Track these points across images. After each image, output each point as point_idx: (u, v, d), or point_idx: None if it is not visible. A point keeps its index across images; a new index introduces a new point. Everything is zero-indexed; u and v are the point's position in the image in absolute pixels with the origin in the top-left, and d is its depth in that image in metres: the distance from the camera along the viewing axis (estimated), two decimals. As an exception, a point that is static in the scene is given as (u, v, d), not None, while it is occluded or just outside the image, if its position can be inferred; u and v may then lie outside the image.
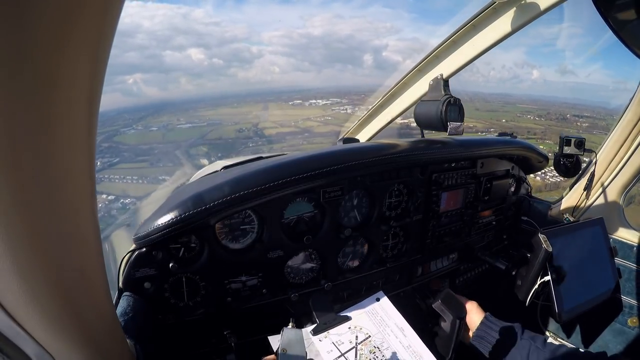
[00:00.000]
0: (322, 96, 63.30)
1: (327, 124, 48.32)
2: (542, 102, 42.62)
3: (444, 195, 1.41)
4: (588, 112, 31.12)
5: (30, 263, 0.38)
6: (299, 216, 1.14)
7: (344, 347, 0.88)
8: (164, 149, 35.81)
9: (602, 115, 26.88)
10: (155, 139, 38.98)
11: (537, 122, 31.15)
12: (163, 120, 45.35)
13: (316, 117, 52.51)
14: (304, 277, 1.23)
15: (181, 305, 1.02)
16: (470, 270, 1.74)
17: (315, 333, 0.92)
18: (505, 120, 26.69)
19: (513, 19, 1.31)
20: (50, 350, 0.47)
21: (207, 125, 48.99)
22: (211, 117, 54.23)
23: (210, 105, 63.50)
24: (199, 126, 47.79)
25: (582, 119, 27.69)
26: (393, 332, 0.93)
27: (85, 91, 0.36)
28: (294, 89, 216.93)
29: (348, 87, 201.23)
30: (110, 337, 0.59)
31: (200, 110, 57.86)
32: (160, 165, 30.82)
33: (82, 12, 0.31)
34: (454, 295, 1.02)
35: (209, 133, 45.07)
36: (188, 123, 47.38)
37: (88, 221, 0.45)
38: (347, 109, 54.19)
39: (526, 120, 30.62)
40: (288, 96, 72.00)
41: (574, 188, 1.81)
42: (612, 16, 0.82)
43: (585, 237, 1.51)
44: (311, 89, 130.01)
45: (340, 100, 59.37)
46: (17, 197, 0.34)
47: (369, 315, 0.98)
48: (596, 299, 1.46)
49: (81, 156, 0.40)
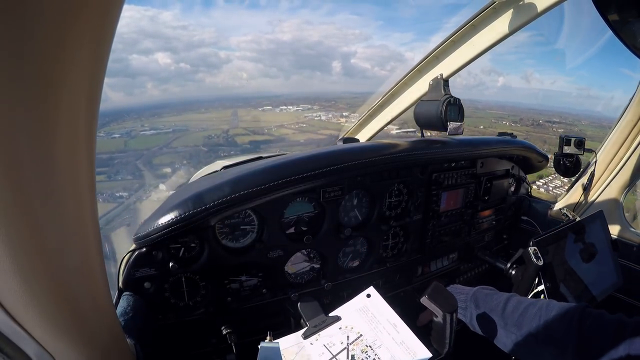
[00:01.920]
0: (292, 102, 62.62)
1: (303, 131, 47.39)
2: (509, 108, 42.79)
3: (444, 195, 1.41)
4: (557, 118, 31.62)
5: (30, 263, 0.38)
6: (299, 216, 1.14)
7: (335, 349, 0.87)
8: (124, 159, 33.54)
9: (571, 121, 27.29)
10: (116, 147, 36.60)
11: (514, 128, 31.41)
12: (127, 126, 43.39)
13: (290, 124, 51.48)
14: (304, 277, 1.23)
15: (181, 305, 1.02)
16: (470, 270, 1.74)
17: (305, 337, 0.90)
18: (483, 126, 26.80)
19: (513, 19, 1.31)
20: (50, 350, 0.47)
21: (173, 131, 46.78)
22: (177, 123, 52.06)
23: (177, 111, 61.33)
24: (164, 133, 45.58)
25: (554, 124, 28.14)
26: (385, 328, 0.91)
27: (85, 91, 0.36)
28: (262, 94, 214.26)
29: (316, 93, 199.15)
30: (110, 337, 0.59)
31: (166, 116, 55.58)
32: (118, 178, 27.47)
33: (83, 12, 0.31)
34: (443, 287, 0.99)
35: (174, 140, 43.18)
36: (152, 129, 45.14)
37: (88, 221, 0.45)
38: (320, 116, 53.30)
39: (502, 126, 30.83)
40: (257, 102, 70.69)
41: (574, 188, 1.81)
42: (612, 16, 0.82)
43: (584, 235, 1.50)
44: (280, 95, 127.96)
45: (311, 106, 58.68)
46: (17, 197, 0.34)
47: (360, 313, 0.96)
48: (600, 296, 1.45)
49: (81, 156, 0.40)
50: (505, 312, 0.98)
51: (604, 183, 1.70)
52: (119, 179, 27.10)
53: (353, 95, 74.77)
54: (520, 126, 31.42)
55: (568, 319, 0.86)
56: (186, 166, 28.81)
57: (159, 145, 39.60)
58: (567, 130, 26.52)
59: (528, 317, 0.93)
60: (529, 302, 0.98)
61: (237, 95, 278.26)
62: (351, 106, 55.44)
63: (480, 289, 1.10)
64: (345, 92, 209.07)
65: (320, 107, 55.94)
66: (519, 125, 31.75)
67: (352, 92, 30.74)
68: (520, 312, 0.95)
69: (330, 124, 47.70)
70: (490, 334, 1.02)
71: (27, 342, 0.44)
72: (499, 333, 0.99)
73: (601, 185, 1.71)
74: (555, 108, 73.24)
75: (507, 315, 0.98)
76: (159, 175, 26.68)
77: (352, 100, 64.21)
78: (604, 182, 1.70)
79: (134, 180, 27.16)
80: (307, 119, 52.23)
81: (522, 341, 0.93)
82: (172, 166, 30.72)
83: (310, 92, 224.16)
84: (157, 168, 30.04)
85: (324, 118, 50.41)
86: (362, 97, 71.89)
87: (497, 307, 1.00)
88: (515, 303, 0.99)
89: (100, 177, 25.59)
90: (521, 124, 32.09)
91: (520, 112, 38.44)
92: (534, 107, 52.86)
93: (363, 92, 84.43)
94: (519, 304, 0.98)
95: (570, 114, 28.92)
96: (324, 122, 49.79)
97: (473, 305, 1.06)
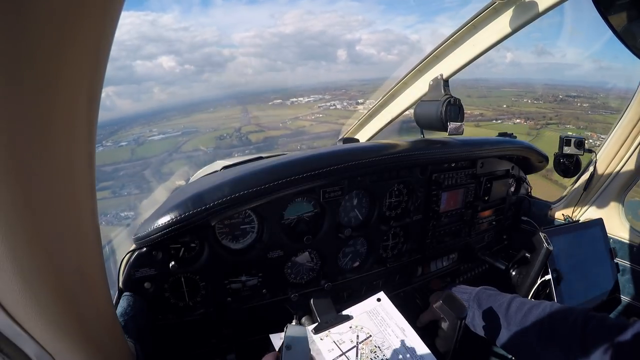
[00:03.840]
0: (301, 94, 61.10)
1: (321, 122, 45.71)
2: (522, 85, 41.67)
3: (444, 195, 1.41)
4: (573, 92, 30.90)
5: (30, 263, 0.38)
6: (299, 216, 1.14)
7: (345, 346, 0.88)
8: (130, 170, 30.76)
9: (588, 94, 26.56)
10: (122, 157, 34.39)
11: (539, 105, 30.72)
12: (134, 132, 41.51)
13: (305, 116, 49.93)
14: (304, 277, 1.23)
15: (181, 305, 1.02)
16: (470, 270, 1.74)
17: (316, 332, 0.92)
18: (506, 105, 26.27)
19: (514, 19, 1.31)
20: (50, 350, 0.47)
21: (182, 134, 44.72)
22: (186, 125, 49.83)
23: (185, 113, 58.84)
24: (173, 136, 43.41)
25: (575, 99, 27.58)
26: (394, 332, 0.93)
27: (85, 91, 0.36)
28: (270, 89, 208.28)
29: (325, 83, 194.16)
30: (110, 337, 0.59)
31: (174, 118, 53.40)
32: (124, 193, 23.99)
33: (83, 12, 0.31)
34: (455, 296, 1.02)
35: (184, 144, 40.64)
36: (160, 134, 42.84)
37: (88, 221, 0.45)
38: (335, 105, 51.66)
39: (524, 104, 30.13)
40: (266, 97, 68.57)
41: (574, 188, 1.82)
42: (612, 16, 0.82)
43: (585, 238, 1.51)
44: (287, 88, 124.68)
45: (322, 96, 56.76)
46: (17, 197, 0.34)
47: (370, 315, 0.98)
48: (596, 299, 1.47)
49: (81, 156, 0.40)
50: (509, 313, 0.98)
51: (604, 183, 1.70)
52: (125, 194, 23.76)
53: (363, 82, 72.52)
54: (544, 103, 30.82)
55: (572, 321, 0.86)
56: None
57: (169, 151, 37.40)
58: (591, 104, 25.79)
59: (531, 318, 0.93)
60: (533, 303, 0.98)
61: (244, 91, 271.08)
62: (364, 93, 54.10)
63: (483, 290, 1.10)
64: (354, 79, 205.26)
65: (332, 97, 54.53)
66: (542, 102, 31.13)
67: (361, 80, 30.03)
68: (523, 313, 0.95)
69: (349, 112, 45.53)
70: (492, 334, 1.02)
71: (27, 343, 0.44)
72: (501, 334, 0.99)
73: (601, 185, 1.71)
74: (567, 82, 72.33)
75: (510, 316, 0.98)
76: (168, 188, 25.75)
77: (362, 87, 62.24)
78: (604, 182, 1.70)
79: (142, 194, 25.09)
80: (322, 109, 50.88)
81: (524, 342, 0.93)
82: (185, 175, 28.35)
83: (319, 83, 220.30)
84: (167, 177, 28.40)
85: (339, 107, 49.45)
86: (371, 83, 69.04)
87: (500, 308, 1.01)
88: (518, 304, 0.99)
89: (103, 194, 23.78)
90: (543, 100, 31.50)
91: (534, 88, 37.75)
92: (547, 82, 51.85)
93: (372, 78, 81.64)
94: (523, 305, 0.98)
95: (585, 87, 28.36)
96: (341, 110, 48.25)
97: (476, 305, 1.07)
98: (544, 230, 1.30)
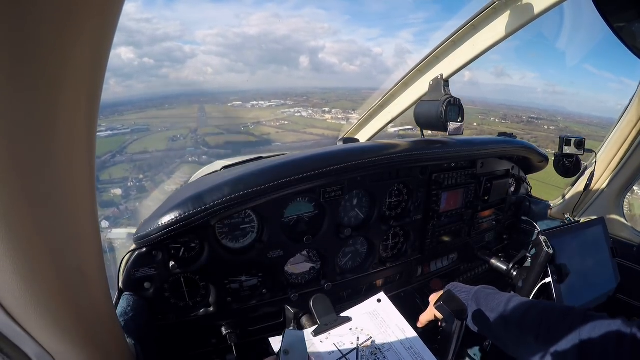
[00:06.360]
0: (262, 98, 58.99)
1: (288, 130, 42.73)
2: (479, 103, 41.50)
3: (444, 195, 1.41)
4: (533, 114, 31.34)
5: (30, 263, 0.38)
6: (299, 216, 1.14)
7: (345, 348, 0.88)
8: None
9: (548, 116, 26.89)
10: None
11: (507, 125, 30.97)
12: None
13: (269, 122, 46.69)
14: (304, 277, 1.23)
15: (181, 305, 1.02)
16: (470, 270, 1.74)
17: (316, 334, 0.91)
18: (477, 124, 26.18)
19: (513, 19, 1.31)
20: (50, 350, 0.46)
21: (131, 132, 39.27)
22: (137, 122, 44.49)
23: (139, 108, 52.84)
24: (120, 134, 37.49)
25: (539, 121, 28.16)
26: (394, 333, 0.93)
27: (85, 91, 0.36)
28: (228, 90, 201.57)
29: (285, 88, 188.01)
30: (110, 337, 0.59)
31: (127, 113, 47.90)
32: None
33: (83, 12, 0.31)
34: (455, 296, 1.01)
35: (130, 144, 35.39)
36: (108, 130, 37.02)
37: (88, 221, 0.45)
38: (300, 112, 48.22)
39: (493, 123, 30.14)
40: (225, 98, 63.77)
41: (574, 188, 1.82)
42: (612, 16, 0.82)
43: (586, 238, 1.51)
44: (247, 91, 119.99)
45: (284, 102, 54.25)
46: (17, 197, 0.34)
47: (370, 316, 0.98)
48: (597, 300, 1.46)
49: (81, 156, 0.40)
50: (507, 312, 0.98)
51: (604, 183, 1.70)
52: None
53: (324, 91, 69.35)
54: (511, 123, 31.15)
55: (570, 321, 0.86)
56: (145, 181, 20.31)
57: (111, 152, 31.19)
58: (556, 127, 26.19)
59: (529, 318, 0.93)
60: (531, 303, 0.98)
61: (202, 90, 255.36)
62: (327, 102, 51.80)
63: (481, 289, 1.10)
64: (316, 87, 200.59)
65: (294, 103, 52.12)
66: (510, 122, 31.52)
67: (323, 88, 28.80)
68: (522, 313, 0.95)
69: (317, 122, 42.93)
70: (490, 333, 1.02)
71: (27, 343, 0.44)
72: (499, 333, 0.99)
73: (601, 185, 1.72)
74: (523, 104, 72.34)
75: (508, 314, 0.97)
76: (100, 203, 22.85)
77: (325, 95, 59.55)
78: (604, 182, 1.70)
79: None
80: (286, 116, 48.38)
81: (522, 342, 0.93)
82: (124, 185, 22.94)
83: (279, 88, 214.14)
84: (102, 190, 21.40)
85: (305, 115, 47.56)
86: (333, 92, 65.94)
87: (498, 307, 1.00)
88: (516, 303, 0.99)
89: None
90: (510, 120, 31.97)
91: (493, 107, 37.89)
92: (502, 102, 51.42)
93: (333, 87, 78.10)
94: (521, 304, 0.98)
95: (539, 109, 28.87)
96: (307, 119, 45.99)
97: (474, 304, 1.07)
98: (544, 233, 1.29)
